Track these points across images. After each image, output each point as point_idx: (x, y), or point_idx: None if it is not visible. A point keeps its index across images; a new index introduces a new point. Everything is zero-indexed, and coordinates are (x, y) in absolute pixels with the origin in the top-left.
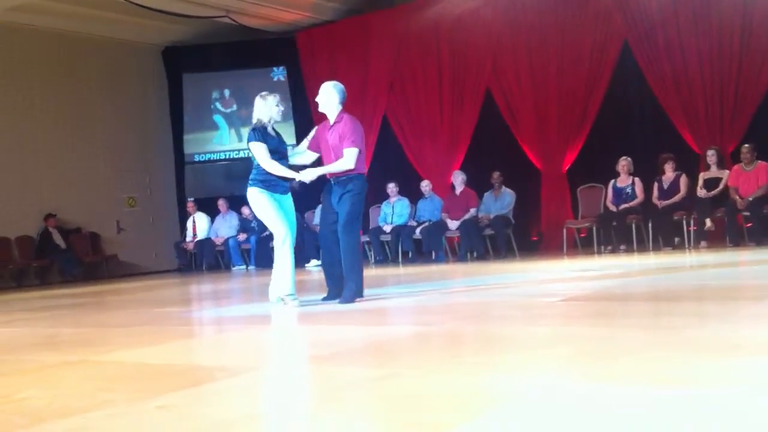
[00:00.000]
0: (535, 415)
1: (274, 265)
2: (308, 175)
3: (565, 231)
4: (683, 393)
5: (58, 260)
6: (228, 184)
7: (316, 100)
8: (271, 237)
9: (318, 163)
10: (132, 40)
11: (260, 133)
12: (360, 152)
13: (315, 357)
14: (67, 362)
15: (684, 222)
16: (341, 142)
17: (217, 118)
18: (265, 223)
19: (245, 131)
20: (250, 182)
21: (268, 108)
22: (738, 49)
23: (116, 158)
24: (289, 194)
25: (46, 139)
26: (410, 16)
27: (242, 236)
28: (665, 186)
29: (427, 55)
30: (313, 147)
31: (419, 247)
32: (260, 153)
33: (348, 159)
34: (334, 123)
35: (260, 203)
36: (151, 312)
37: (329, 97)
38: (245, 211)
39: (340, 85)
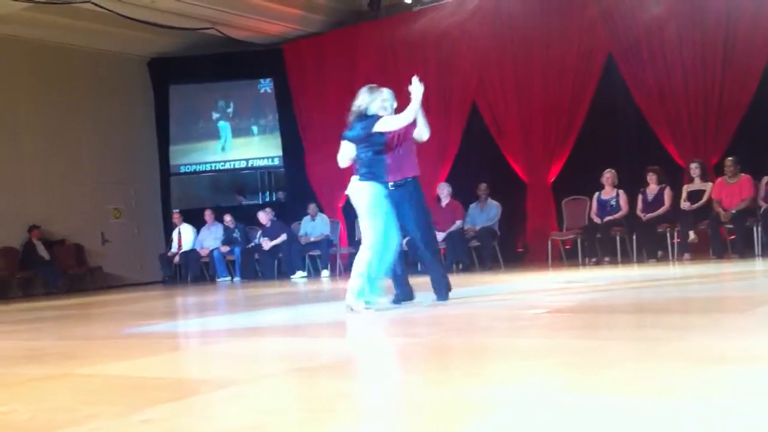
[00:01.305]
0: (521, 425)
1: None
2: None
3: (550, 243)
4: (669, 403)
5: (41, 272)
6: (214, 195)
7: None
8: (254, 249)
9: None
10: (117, 52)
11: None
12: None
13: (301, 369)
14: (50, 375)
15: (668, 234)
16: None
17: (222, 125)
18: (366, 221)
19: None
20: (360, 176)
21: (370, 99)
22: (721, 63)
23: (101, 169)
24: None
25: (30, 150)
26: (397, 28)
27: (225, 248)
28: (649, 198)
29: (413, 67)
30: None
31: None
32: (394, 119)
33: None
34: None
35: (371, 199)
36: (136, 324)
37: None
38: (227, 218)
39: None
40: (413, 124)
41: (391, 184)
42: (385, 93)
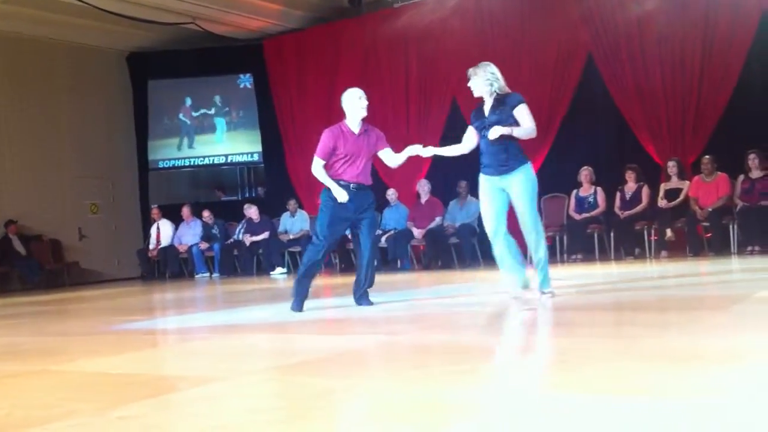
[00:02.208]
0: (502, 424)
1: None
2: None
3: None
4: (644, 401)
5: (18, 267)
6: (192, 191)
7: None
8: (234, 245)
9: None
10: (96, 46)
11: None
12: None
13: (281, 367)
14: (27, 372)
15: (645, 232)
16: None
17: (219, 121)
18: None
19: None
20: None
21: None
22: (699, 64)
23: (79, 164)
24: (510, 174)
25: (7, 144)
26: (378, 24)
27: (204, 245)
28: (627, 196)
29: (394, 64)
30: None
31: (385, 255)
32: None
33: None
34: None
35: (480, 191)
36: (113, 320)
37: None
38: (206, 214)
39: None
40: (383, 142)
41: (354, 185)
42: (489, 69)
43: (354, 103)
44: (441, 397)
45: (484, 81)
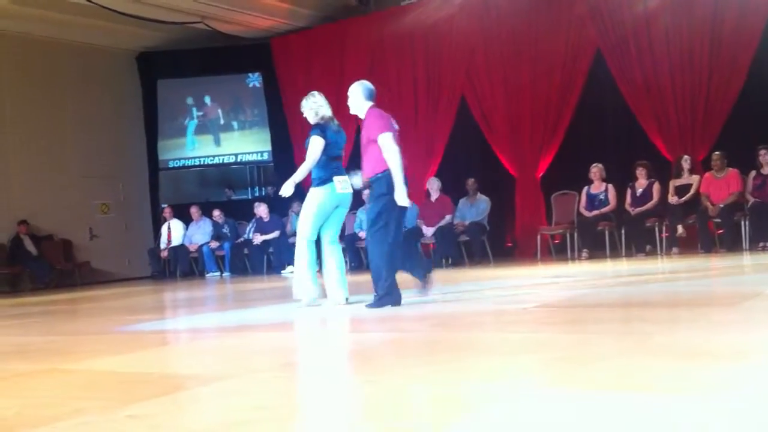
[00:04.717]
0: (508, 421)
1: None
2: (286, 190)
3: (539, 237)
4: (651, 398)
5: (29, 267)
6: (202, 190)
7: (348, 104)
8: (244, 244)
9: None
10: (105, 46)
11: (321, 128)
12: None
13: (289, 364)
14: (37, 371)
15: (656, 229)
16: (369, 137)
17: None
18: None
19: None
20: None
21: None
22: (708, 59)
23: (89, 164)
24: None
25: (18, 144)
26: (385, 23)
27: (214, 244)
28: (638, 193)
29: (402, 62)
30: None
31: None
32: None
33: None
34: (362, 122)
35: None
36: (123, 320)
37: (355, 97)
38: (216, 213)
39: (366, 83)
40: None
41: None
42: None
43: None
44: (447, 393)
45: (308, 110)
